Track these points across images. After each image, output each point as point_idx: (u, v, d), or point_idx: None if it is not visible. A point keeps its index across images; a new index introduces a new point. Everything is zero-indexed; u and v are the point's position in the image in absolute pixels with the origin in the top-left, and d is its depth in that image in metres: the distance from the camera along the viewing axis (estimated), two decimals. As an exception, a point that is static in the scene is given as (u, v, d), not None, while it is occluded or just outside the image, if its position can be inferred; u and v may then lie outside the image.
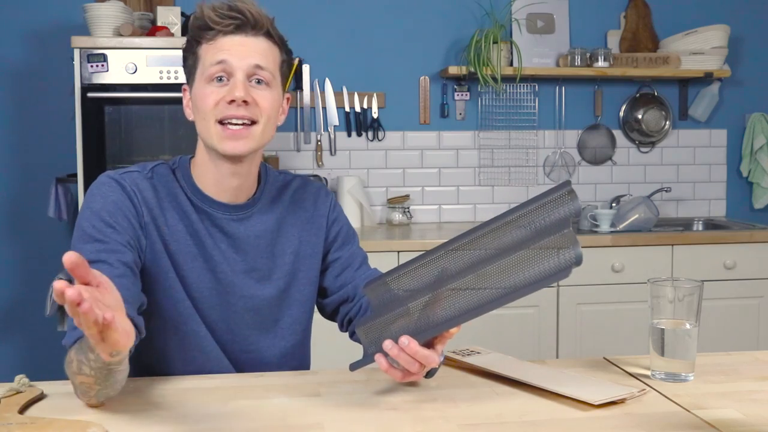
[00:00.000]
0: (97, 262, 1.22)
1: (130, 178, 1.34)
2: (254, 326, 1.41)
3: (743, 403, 1.16)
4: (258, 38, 1.32)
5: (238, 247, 1.38)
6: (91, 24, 2.87)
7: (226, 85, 1.30)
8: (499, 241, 1.11)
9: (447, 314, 1.11)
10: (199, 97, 1.32)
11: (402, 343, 1.11)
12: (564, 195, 1.08)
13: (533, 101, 3.55)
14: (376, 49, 3.46)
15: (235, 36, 1.30)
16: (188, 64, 1.36)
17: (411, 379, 1.19)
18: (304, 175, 1.54)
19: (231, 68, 1.29)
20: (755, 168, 3.65)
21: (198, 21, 1.32)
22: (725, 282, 3.09)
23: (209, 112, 1.30)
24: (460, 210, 3.56)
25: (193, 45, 1.34)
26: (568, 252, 1.05)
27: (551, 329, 3.03)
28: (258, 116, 1.31)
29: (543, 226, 1.08)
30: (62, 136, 3.17)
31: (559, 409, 1.14)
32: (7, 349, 3.34)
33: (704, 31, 3.45)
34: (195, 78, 1.34)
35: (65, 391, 1.18)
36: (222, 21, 1.29)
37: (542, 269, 1.06)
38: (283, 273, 1.42)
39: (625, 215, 3.29)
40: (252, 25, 1.30)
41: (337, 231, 1.49)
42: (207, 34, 1.31)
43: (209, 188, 1.37)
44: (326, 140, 3.46)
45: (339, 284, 1.48)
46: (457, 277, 1.11)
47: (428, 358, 1.13)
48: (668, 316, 1.26)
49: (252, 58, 1.30)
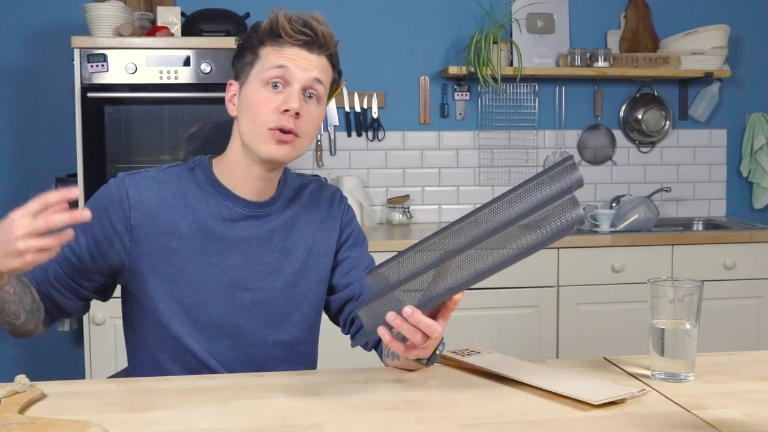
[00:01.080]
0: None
1: (135, 179, 1.38)
2: (262, 320, 1.42)
3: (743, 403, 1.16)
4: (321, 57, 1.38)
5: (251, 241, 1.41)
6: (91, 24, 2.87)
7: (281, 92, 1.34)
8: (501, 216, 1.12)
9: (450, 284, 1.11)
10: (253, 100, 1.35)
11: (405, 312, 1.10)
12: (566, 168, 1.10)
13: (533, 101, 3.55)
14: (376, 49, 3.46)
15: (301, 50, 1.35)
16: (244, 60, 1.38)
17: (414, 353, 1.18)
18: (320, 179, 1.59)
19: (290, 76, 1.34)
20: (755, 168, 3.65)
21: (270, 25, 1.35)
22: (725, 282, 3.09)
23: (262, 117, 1.33)
24: (460, 210, 3.56)
25: (256, 45, 1.37)
26: (570, 213, 1.06)
27: (551, 329, 3.03)
28: (301, 131, 1.35)
29: (545, 197, 1.10)
30: (62, 136, 3.17)
31: (559, 409, 1.14)
32: (7, 349, 3.34)
33: (704, 31, 3.45)
34: (249, 77, 1.37)
35: (65, 391, 1.18)
36: (294, 35, 1.34)
37: (543, 232, 1.07)
38: (293, 269, 1.44)
39: (625, 215, 3.29)
40: (319, 45, 1.36)
41: (349, 233, 1.53)
42: (276, 40, 1.35)
43: (234, 185, 1.40)
44: (326, 140, 3.46)
45: (346, 282, 1.50)
46: (460, 251, 1.11)
47: (431, 327, 1.11)
48: (668, 316, 1.26)
49: (312, 72, 1.35)
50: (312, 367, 1.52)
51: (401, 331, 1.12)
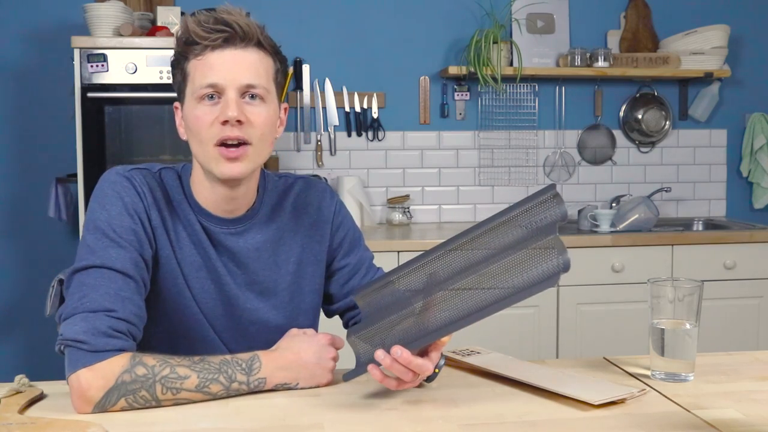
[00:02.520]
0: (125, 275, 1.20)
1: (140, 177, 1.30)
2: (261, 338, 1.37)
3: (743, 403, 1.16)
4: (248, 50, 1.25)
5: (238, 260, 1.35)
6: (91, 24, 2.87)
7: (218, 103, 1.24)
8: (486, 246, 1.10)
9: (437, 323, 1.11)
10: (192, 119, 1.25)
11: (395, 353, 1.10)
12: (549, 199, 1.06)
13: (533, 101, 3.55)
14: (376, 49, 3.46)
15: (225, 50, 1.23)
16: (177, 80, 1.29)
17: (406, 387, 1.18)
18: (307, 176, 1.49)
19: (222, 84, 1.23)
20: (755, 168, 3.65)
21: (184, 36, 1.25)
22: (725, 282, 3.09)
23: (204, 133, 1.24)
24: (460, 210, 3.56)
25: (181, 61, 1.27)
26: (555, 259, 1.04)
27: (551, 329, 3.03)
28: (251, 137, 1.25)
29: (529, 231, 1.07)
30: (62, 136, 3.17)
31: (559, 409, 1.14)
32: (7, 349, 3.34)
33: (704, 31, 3.45)
34: (186, 96, 1.28)
35: (65, 391, 1.18)
36: (209, 36, 1.22)
37: (530, 276, 1.05)
38: (286, 284, 1.39)
39: (625, 215, 3.29)
40: (241, 37, 1.23)
41: (342, 237, 1.45)
42: (194, 49, 1.24)
43: (207, 203, 1.33)
44: (326, 140, 3.46)
45: (345, 292, 1.46)
46: (445, 284, 1.11)
47: (422, 367, 1.13)
48: (668, 316, 1.26)
49: (243, 77, 1.23)
50: None
51: (392, 371, 1.13)
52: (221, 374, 1.14)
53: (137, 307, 1.20)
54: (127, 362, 1.13)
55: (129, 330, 1.17)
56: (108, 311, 1.15)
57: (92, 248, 1.21)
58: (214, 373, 1.14)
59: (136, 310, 1.19)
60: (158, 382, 1.12)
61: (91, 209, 1.27)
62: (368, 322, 1.18)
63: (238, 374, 1.14)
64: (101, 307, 1.15)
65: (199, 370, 1.14)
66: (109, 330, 1.14)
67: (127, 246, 1.23)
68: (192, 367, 1.14)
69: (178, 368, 1.14)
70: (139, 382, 1.12)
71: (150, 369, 1.13)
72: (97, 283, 1.18)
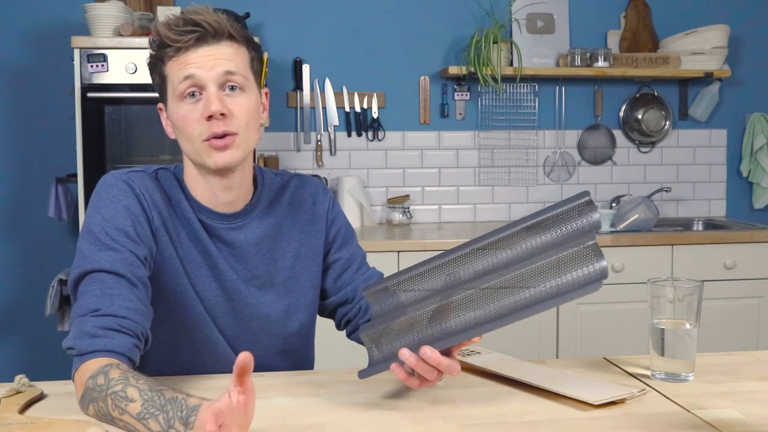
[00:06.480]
0: (115, 274, 1.20)
1: (139, 180, 1.31)
2: (263, 333, 1.39)
3: (743, 403, 1.16)
4: (221, 45, 1.28)
5: (239, 255, 1.36)
6: (91, 24, 2.87)
7: (200, 99, 1.26)
8: (514, 249, 1.10)
9: (466, 322, 1.10)
10: (177, 118, 1.28)
11: (424, 354, 1.09)
12: (583, 205, 1.08)
13: (533, 101, 3.55)
14: (376, 49, 3.46)
15: (198, 49, 1.26)
16: (156, 83, 1.32)
17: (428, 386, 1.17)
18: (302, 174, 1.51)
19: (201, 81, 1.26)
20: (755, 168, 3.65)
21: (157, 41, 1.28)
22: (725, 282, 3.09)
23: (191, 131, 1.27)
24: (460, 210, 3.56)
25: (158, 65, 1.30)
26: (593, 265, 1.05)
27: (551, 329, 3.03)
28: (237, 128, 1.27)
29: (563, 236, 1.08)
30: (62, 136, 3.17)
31: (559, 409, 1.14)
32: (7, 349, 3.34)
33: (704, 31, 3.45)
34: (167, 98, 1.30)
35: (65, 391, 1.18)
36: (181, 38, 1.25)
37: (569, 280, 1.06)
38: (283, 278, 1.40)
39: (625, 215, 3.29)
40: (212, 34, 1.26)
41: (336, 231, 1.47)
42: (169, 51, 1.27)
43: (204, 199, 1.35)
44: (326, 140, 3.46)
45: (338, 286, 1.47)
46: (470, 284, 1.10)
47: (451, 367, 1.12)
48: (668, 316, 1.26)
49: (220, 66, 1.26)
50: (309, 368, 1.51)
51: (417, 371, 1.12)
52: (162, 413, 1.00)
53: (128, 300, 1.19)
54: (97, 368, 1.09)
55: (120, 324, 1.16)
56: (93, 312, 1.16)
57: (84, 254, 1.23)
58: (157, 410, 1.01)
59: (126, 303, 1.18)
60: (109, 396, 1.05)
61: (87, 215, 1.29)
62: (382, 320, 1.16)
63: (177, 422, 0.99)
64: (87, 310, 1.17)
65: (147, 399, 1.02)
66: (94, 329, 1.14)
67: (119, 248, 1.23)
68: (142, 394, 1.03)
69: (129, 389, 1.04)
70: (96, 391, 1.07)
71: (108, 381, 1.06)
72: (87, 289, 1.19)
